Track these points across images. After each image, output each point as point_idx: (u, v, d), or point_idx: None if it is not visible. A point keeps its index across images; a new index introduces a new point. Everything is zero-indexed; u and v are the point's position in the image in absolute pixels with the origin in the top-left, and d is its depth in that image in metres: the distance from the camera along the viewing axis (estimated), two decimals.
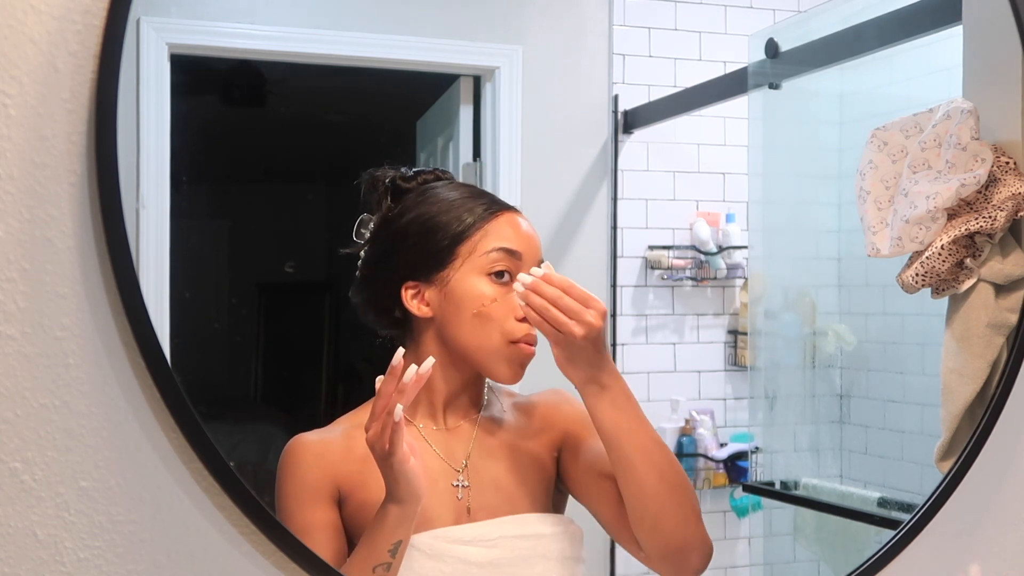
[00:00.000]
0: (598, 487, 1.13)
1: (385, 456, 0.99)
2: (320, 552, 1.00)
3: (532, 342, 1.10)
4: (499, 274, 1.10)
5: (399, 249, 1.14)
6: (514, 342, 1.09)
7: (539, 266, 1.08)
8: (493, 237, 1.11)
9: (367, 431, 1.00)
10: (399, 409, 0.98)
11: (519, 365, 1.11)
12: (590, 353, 1.02)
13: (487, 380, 1.17)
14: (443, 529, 1.08)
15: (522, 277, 1.04)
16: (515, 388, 1.26)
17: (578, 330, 1.01)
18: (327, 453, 1.10)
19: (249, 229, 1.59)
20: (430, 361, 1.01)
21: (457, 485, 1.11)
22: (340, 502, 1.09)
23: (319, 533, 1.06)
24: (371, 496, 1.07)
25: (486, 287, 1.10)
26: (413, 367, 0.99)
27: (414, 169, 1.18)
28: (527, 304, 1.03)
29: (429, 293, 1.11)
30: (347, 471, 1.09)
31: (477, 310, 1.09)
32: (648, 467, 1.05)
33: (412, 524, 1.03)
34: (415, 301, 1.12)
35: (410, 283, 1.12)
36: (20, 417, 0.84)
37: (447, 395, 1.13)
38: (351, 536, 1.08)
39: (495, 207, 1.14)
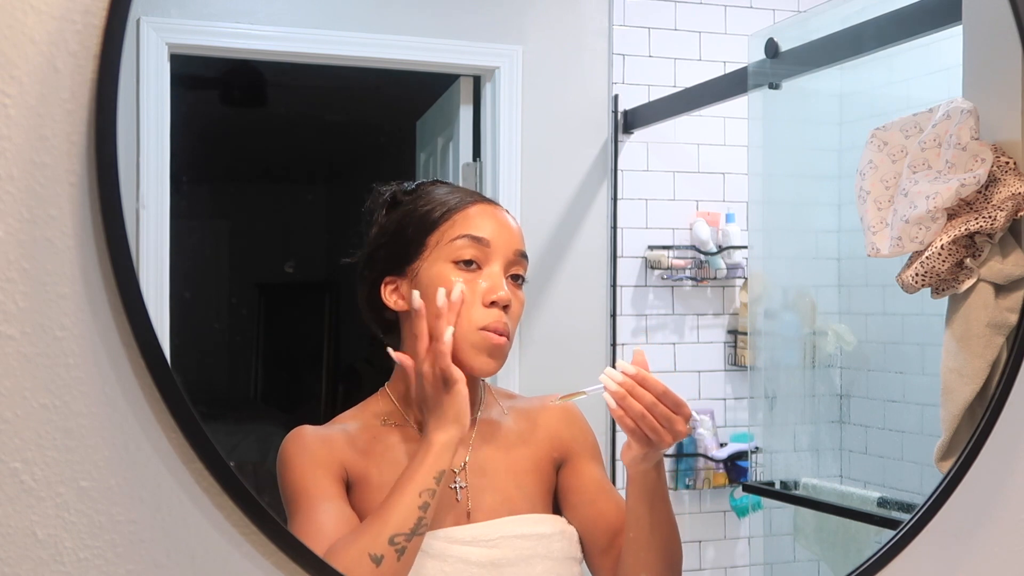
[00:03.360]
0: (593, 514, 1.16)
1: (441, 382, 1.03)
2: (337, 523, 1.02)
3: (501, 331, 1.10)
4: (467, 262, 1.11)
5: (380, 247, 1.15)
6: (482, 328, 1.09)
7: (523, 262, 1.11)
8: (461, 226, 1.12)
9: (421, 372, 1.05)
10: (449, 332, 1.04)
11: (488, 355, 1.10)
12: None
13: (484, 381, 1.18)
14: (444, 529, 1.08)
15: (611, 373, 1.03)
16: (515, 390, 1.26)
17: (669, 439, 1.03)
18: (332, 439, 1.11)
19: (249, 229, 1.59)
20: (459, 286, 1.07)
21: (455, 487, 1.11)
22: (347, 487, 1.09)
23: (339, 502, 1.06)
24: (373, 490, 1.07)
25: (452, 274, 1.10)
26: (441, 291, 1.06)
27: (416, 183, 1.20)
28: (622, 407, 1.03)
29: (404, 287, 1.12)
30: (351, 458, 1.10)
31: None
32: (660, 550, 1.11)
33: (454, 453, 1.05)
34: (393, 296, 1.13)
35: (388, 279, 1.14)
36: (20, 417, 0.84)
37: None
38: None
39: (470, 199, 1.15)
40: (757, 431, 1.75)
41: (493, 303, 1.10)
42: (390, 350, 1.11)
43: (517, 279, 1.13)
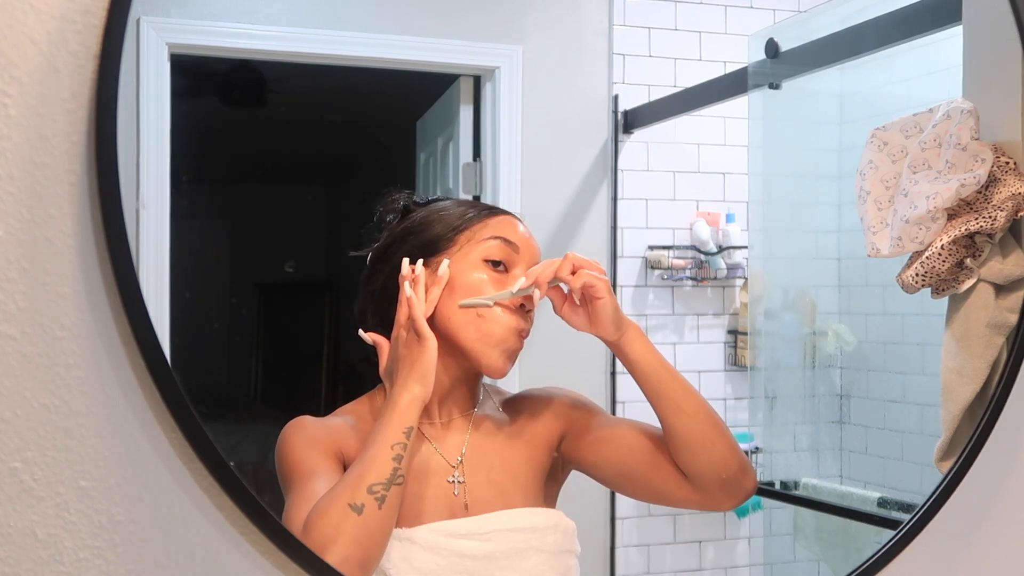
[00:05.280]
0: (621, 448, 1.15)
1: (415, 338, 1.07)
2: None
3: (525, 336, 1.12)
4: (496, 263, 1.12)
5: (403, 240, 1.16)
6: (517, 330, 1.11)
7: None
8: (493, 228, 1.14)
9: (398, 337, 1.09)
10: (421, 292, 1.09)
11: (508, 357, 1.11)
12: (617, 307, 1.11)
13: (483, 378, 1.18)
14: (439, 523, 1.09)
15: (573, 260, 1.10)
16: (516, 391, 1.26)
17: (601, 280, 1.09)
18: (332, 426, 1.13)
19: (249, 229, 1.60)
20: (446, 262, 1.10)
21: (453, 481, 1.12)
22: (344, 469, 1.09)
23: (334, 476, 1.06)
24: None
25: (482, 272, 1.12)
26: (405, 260, 1.11)
27: (429, 197, 1.22)
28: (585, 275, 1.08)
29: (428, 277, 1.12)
30: (350, 444, 1.10)
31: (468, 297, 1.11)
32: (694, 401, 1.11)
33: (419, 411, 1.06)
34: None
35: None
36: (20, 417, 0.84)
37: (446, 387, 1.14)
38: None
39: (498, 210, 1.18)
40: (757, 431, 1.75)
41: (522, 306, 1.11)
42: (361, 332, 1.14)
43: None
